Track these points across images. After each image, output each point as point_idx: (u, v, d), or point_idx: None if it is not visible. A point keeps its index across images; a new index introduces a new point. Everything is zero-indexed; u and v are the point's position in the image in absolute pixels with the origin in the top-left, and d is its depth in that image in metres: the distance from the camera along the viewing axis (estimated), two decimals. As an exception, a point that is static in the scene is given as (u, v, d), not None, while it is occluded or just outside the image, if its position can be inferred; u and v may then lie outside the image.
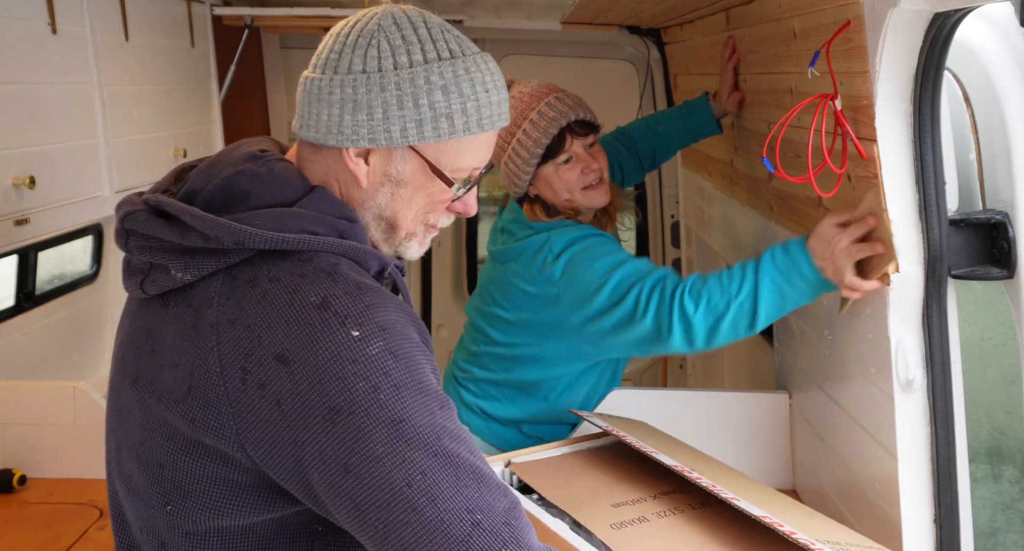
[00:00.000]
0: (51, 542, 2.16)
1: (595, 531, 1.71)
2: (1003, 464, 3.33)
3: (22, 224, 2.40)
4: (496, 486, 1.20)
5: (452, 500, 1.15)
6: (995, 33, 1.65)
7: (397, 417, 1.15)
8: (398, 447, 1.14)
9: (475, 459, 1.20)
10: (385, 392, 1.15)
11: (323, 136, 1.29)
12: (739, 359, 3.52)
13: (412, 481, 1.14)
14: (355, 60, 1.27)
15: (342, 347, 1.15)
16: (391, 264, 1.34)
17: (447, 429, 1.18)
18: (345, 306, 1.18)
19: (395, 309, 1.22)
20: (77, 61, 2.72)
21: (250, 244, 1.20)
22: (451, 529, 1.14)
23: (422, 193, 1.33)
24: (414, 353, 1.20)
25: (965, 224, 1.67)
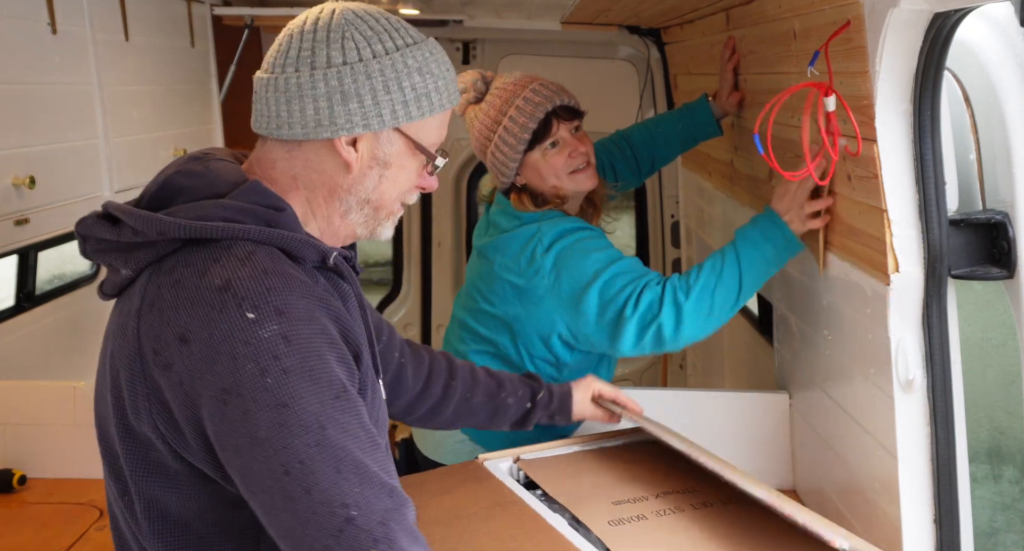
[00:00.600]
0: (51, 542, 2.16)
1: (592, 527, 1.72)
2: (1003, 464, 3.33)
3: (22, 224, 2.40)
4: (381, 485, 1.19)
5: (328, 492, 1.15)
6: (995, 33, 1.65)
7: (282, 402, 1.16)
8: (280, 433, 1.16)
9: (362, 455, 1.19)
10: (272, 375, 1.17)
11: (311, 130, 1.33)
12: (739, 359, 3.52)
13: (290, 469, 1.15)
14: (333, 53, 1.32)
15: (236, 328, 1.18)
16: (332, 253, 1.35)
17: (335, 420, 1.18)
18: (245, 288, 1.20)
19: (304, 296, 1.23)
20: (77, 61, 2.72)
21: (170, 233, 1.25)
22: (323, 521, 1.14)
23: (404, 172, 1.40)
24: (313, 340, 1.21)
25: (965, 224, 1.67)
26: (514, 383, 2.00)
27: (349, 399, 1.22)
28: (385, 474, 1.21)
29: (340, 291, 1.38)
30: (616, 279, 2.17)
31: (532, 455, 2.05)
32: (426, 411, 1.93)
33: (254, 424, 1.16)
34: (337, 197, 1.38)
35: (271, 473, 1.16)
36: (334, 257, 1.35)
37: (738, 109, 2.68)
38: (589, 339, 2.25)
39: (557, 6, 3.47)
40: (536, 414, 2.02)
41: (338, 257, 1.36)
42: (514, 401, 1.98)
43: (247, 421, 1.17)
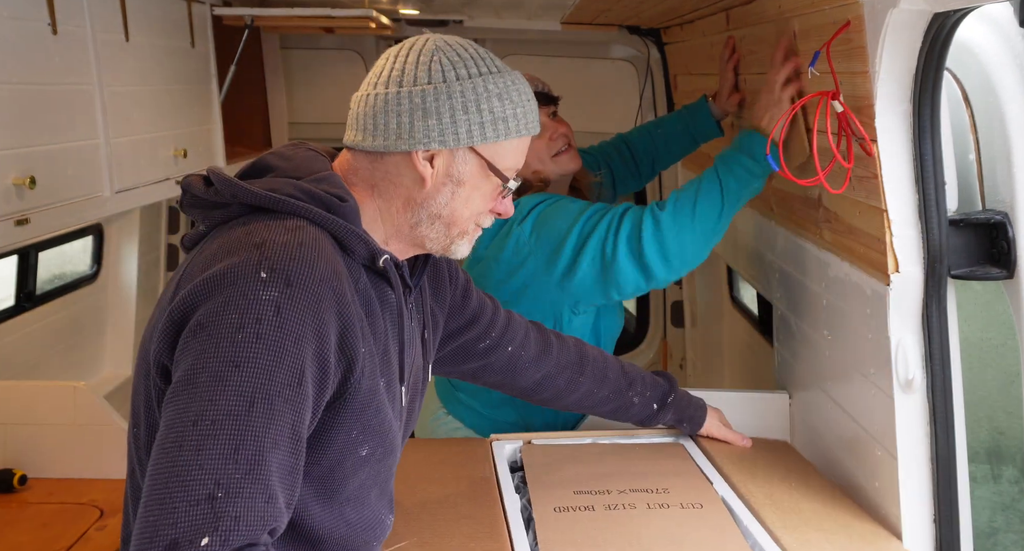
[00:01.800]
0: (51, 542, 2.16)
1: (536, 511, 1.78)
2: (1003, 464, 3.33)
3: (22, 224, 2.40)
4: (265, 488, 1.17)
5: (211, 462, 1.15)
6: (995, 33, 1.65)
7: (236, 361, 1.19)
8: (214, 386, 1.18)
9: (271, 450, 1.18)
10: (245, 333, 1.20)
11: (392, 142, 1.42)
12: (739, 359, 3.52)
13: (199, 421, 1.16)
14: (420, 74, 1.42)
15: (244, 280, 1.23)
16: (383, 255, 1.40)
17: (269, 404, 1.19)
18: (273, 251, 1.27)
19: (323, 281, 1.27)
20: (77, 61, 2.72)
21: (241, 198, 1.36)
22: (190, 484, 1.14)
23: (478, 193, 1.47)
24: (302, 324, 1.23)
25: (965, 224, 1.67)
26: (645, 383, 2.05)
27: (299, 393, 1.22)
28: (279, 480, 1.20)
29: (382, 295, 1.44)
30: (592, 217, 2.20)
31: (542, 441, 2.10)
32: (548, 397, 1.99)
33: (201, 365, 1.19)
34: (410, 209, 1.46)
35: (183, 415, 1.17)
36: (383, 260, 1.40)
37: (738, 109, 2.68)
38: (585, 288, 2.25)
39: (557, 6, 3.47)
40: (663, 416, 2.09)
41: (388, 261, 1.42)
42: (640, 401, 2.04)
43: (199, 359, 1.20)
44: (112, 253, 3.80)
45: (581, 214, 2.22)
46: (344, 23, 3.57)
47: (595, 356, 2.01)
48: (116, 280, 3.83)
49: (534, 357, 1.92)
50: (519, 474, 1.98)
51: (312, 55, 4.45)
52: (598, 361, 2.00)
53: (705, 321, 4.07)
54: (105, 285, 3.78)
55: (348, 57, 4.41)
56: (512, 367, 1.90)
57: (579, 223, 2.21)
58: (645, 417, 2.08)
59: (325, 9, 3.53)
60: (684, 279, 4.32)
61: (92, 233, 3.66)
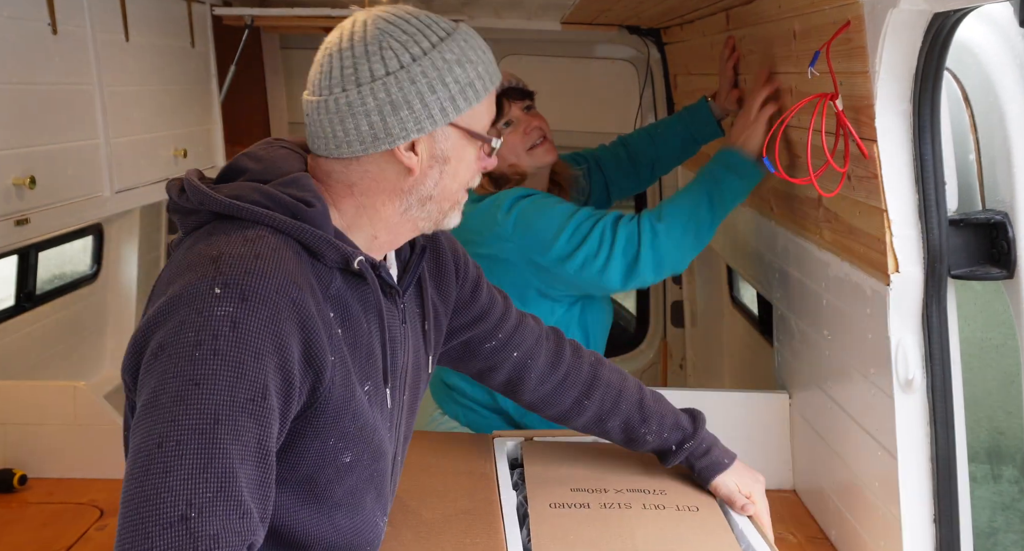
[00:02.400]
0: (51, 542, 2.16)
1: (532, 507, 1.78)
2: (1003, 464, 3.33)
3: (22, 224, 2.40)
4: (238, 504, 1.16)
5: (181, 482, 1.13)
6: (995, 33, 1.65)
7: (195, 379, 1.17)
8: (176, 406, 1.16)
9: (240, 466, 1.17)
10: (202, 351, 1.18)
11: (369, 145, 1.36)
12: (739, 359, 3.52)
13: (164, 443, 1.15)
14: (375, 67, 1.34)
15: (199, 297, 1.21)
16: (357, 258, 1.36)
17: (234, 421, 1.17)
18: (228, 265, 1.24)
19: (281, 292, 1.23)
20: (77, 61, 2.71)
21: (208, 206, 1.34)
22: (162, 507, 1.12)
23: (463, 163, 1.43)
24: (259, 337, 1.20)
25: (965, 224, 1.67)
26: (664, 423, 1.86)
27: (263, 407, 1.20)
28: (251, 495, 1.18)
29: (362, 297, 1.40)
30: (581, 226, 2.22)
31: (543, 439, 2.10)
32: (554, 415, 1.88)
33: (162, 387, 1.18)
34: (397, 198, 1.41)
35: (148, 438, 1.16)
36: (358, 262, 1.36)
37: (738, 106, 2.68)
38: (564, 283, 2.31)
39: (557, 6, 3.47)
40: (677, 459, 1.89)
41: (363, 263, 1.37)
42: (655, 439, 1.86)
43: (160, 381, 1.18)
44: (112, 253, 3.80)
45: (568, 220, 2.23)
46: (344, 23, 3.56)
47: (609, 381, 1.86)
48: (116, 280, 3.82)
49: (542, 369, 1.83)
50: (519, 470, 1.98)
51: (312, 55, 4.43)
52: (611, 387, 1.85)
53: (705, 321, 4.07)
54: (105, 285, 3.78)
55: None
56: (519, 377, 1.82)
57: (567, 231, 2.22)
58: (661, 455, 1.91)
59: (325, 9, 3.53)
60: (684, 279, 4.32)
61: (92, 233, 3.66)
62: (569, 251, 2.22)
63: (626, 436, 1.87)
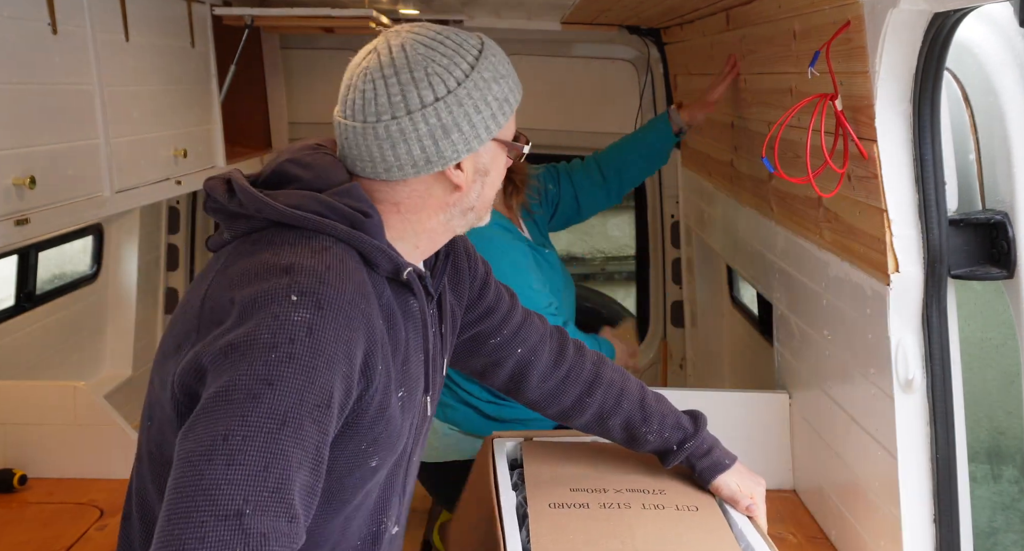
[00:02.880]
0: (51, 542, 2.16)
1: (531, 506, 1.77)
2: (1003, 464, 3.33)
3: (22, 224, 2.40)
4: (289, 507, 1.16)
5: (241, 478, 1.14)
6: (995, 33, 1.65)
7: (269, 379, 1.19)
8: (247, 403, 1.17)
9: (297, 470, 1.18)
10: (278, 353, 1.20)
11: (421, 168, 1.40)
12: (739, 359, 3.52)
13: (230, 437, 1.16)
14: (424, 93, 1.37)
15: (275, 301, 1.23)
16: (407, 268, 1.40)
17: (299, 424, 1.19)
18: (302, 274, 1.26)
19: (352, 303, 1.27)
20: (77, 61, 2.71)
21: (267, 214, 1.35)
22: (219, 498, 1.13)
23: (498, 171, 1.49)
24: (333, 346, 1.23)
25: (965, 224, 1.67)
26: (665, 423, 1.86)
27: (327, 415, 1.22)
28: (301, 501, 1.19)
29: (405, 306, 1.43)
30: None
31: (542, 439, 2.10)
32: (555, 413, 1.88)
33: (235, 383, 1.19)
34: (442, 212, 1.46)
35: (214, 429, 1.17)
36: (407, 272, 1.40)
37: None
38: None
39: (557, 6, 3.47)
40: (677, 459, 1.88)
41: (412, 274, 1.41)
42: (656, 439, 1.86)
43: (232, 376, 1.19)
44: (112, 253, 3.80)
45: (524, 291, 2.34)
46: (344, 23, 3.56)
47: (612, 380, 1.87)
48: (116, 280, 3.82)
49: (545, 366, 1.84)
50: (518, 471, 1.98)
51: (312, 55, 4.45)
52: (613, 386, 1.86)
53: (705, 321, 4.07)
54: (105, 285, 3.78)
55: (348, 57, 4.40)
56: (522, 373, 1.82)
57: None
58: (662, 456, 1.90)
59: (325, 9, 3.53)
60: (684, 279, 4.32)
61: (92, 233, 3.66)
62: None
63: (627, 435, 1.87)
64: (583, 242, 9.18)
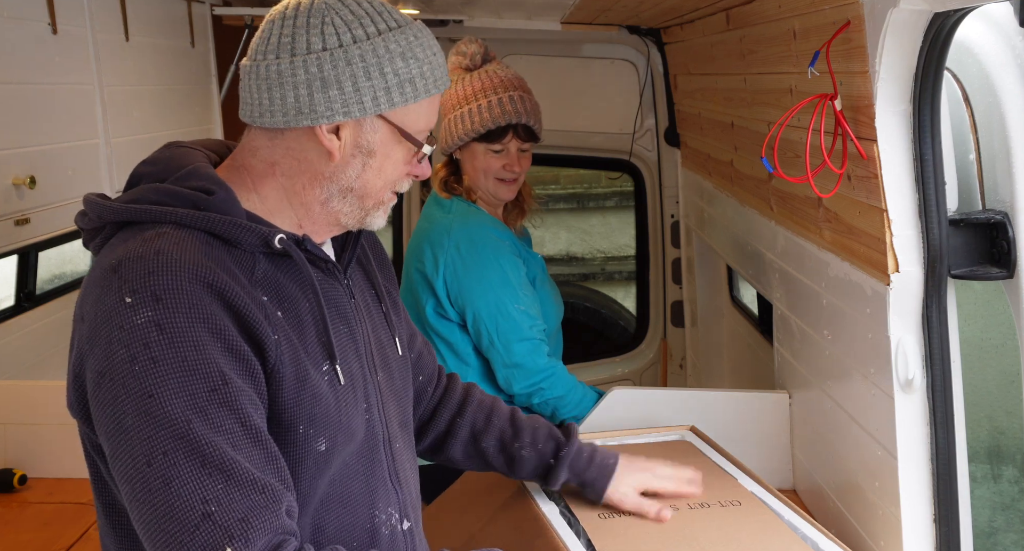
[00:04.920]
0: (51, 542, 2.16)
1: (582, 518, 1.73)
2: (1003, 464, 3.33)
3: (22, 224, 2.40)
4: (251, 482, 1.16)
5: (187, 486, 1.13)
6: (995, 33, 1.65)
7: (148, 392, 1.15)
8: (144, 423, 1.15)
9: (234, 451, 1.17)
10: (141, 363, 1.16)
11: (291, 118, 1.32)
12: (739, 359, 3.52)
13: (152, 460, 1.14)
14: (313, 39, 1.31)
15: (113, 312, 1.19)
16: (277, 236, 1.31)
17: (205, 414, 1.16)
18: (129, 270, 1.21)
19: (194, 281, 1.20)
20: (77, 61, 2.72)
21: (106, 216, 1.31)
22: (181, 515, 1.12)
23: (390, 161, 1.38)
24: (191, 329, 1.18)
25: (965, 224, 1.67)
26: (538, 435, 1.76)
27: (229, 393, 1.19)
28: (261, 471, 1.18)
29: (296, 277, 1.34)
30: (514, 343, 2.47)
31: None
32: (432, 442, 1.80)
33: (121, 411, 1.16)
34: (319, 184, 1.37)
35: (135, 462, 1.15)
36: (279, 240, 1.30)
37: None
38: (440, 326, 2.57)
39: (557, 6, 3.47)
40: (561, 473, 1.74)
41: (286, 241, 1.31)
42: (531, 454, 1.75)
43: (115, 407, 1.17)
44: (112, 253, 3.79)
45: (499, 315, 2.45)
46: (344, 23, 3.56)
47: (482, 401, 1.81)
48: (116, 280, 3.82)
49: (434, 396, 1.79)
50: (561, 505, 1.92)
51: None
52: (483, 406, 1.80)
53: (705, 321, 4.07)
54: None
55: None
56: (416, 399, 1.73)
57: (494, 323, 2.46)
58: (542, 472, 1.76)
59: (325, 9, 3.52)
60: (684, 279, 4.32)
61: (92, 233, 3.66)
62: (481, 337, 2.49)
63: (504, 455, 1.77)
64: (583, 242, 9.19)
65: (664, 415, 2.34)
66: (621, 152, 4.30)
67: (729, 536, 1.67)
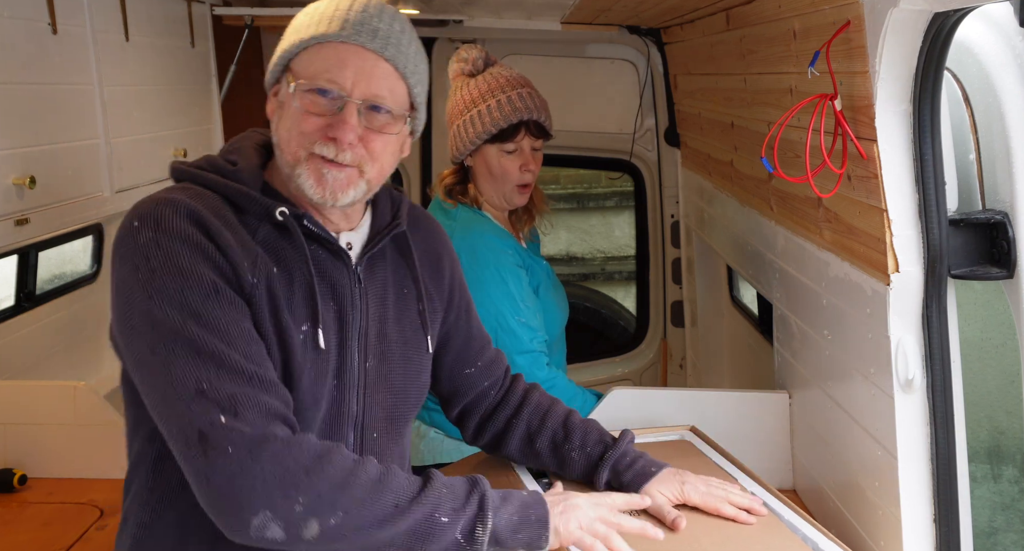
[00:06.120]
0: (51, 542, 2.16)
1: None
2: (1003, 464, 3.33)
3: (22, 224, 2.40)
4: (242, 371, 1.34)
5: (184, 369, 1.33)
6: (995, 33, 1.65)
7: (148, 294, 1.36)
8: (147, 320, 1.36)
9: (228, 347, 1.35)
10: (143, 272, 1.37)
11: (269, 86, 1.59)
12: (739, 359, 3.52)
13: (155, 349, 1.35)
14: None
15: (125, 233, 1.42)
16: (279, 208, 1.47)
17: (200, 313, 1.36)
18: (143, 204, 1.44)
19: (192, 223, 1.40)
20: (77, 61, 2.72)
21: (174, 175, 1.55)
22: (179, 392, 1.32)
23: (290, 109, 1.50)
24: (184, 248, 1.38)
25: (965, 224, 1.67)
26: (588, 438, 1.84)
27: (221, 300, 1.38)
28: (254, 365, 1.36)
29: (296, 248, 1.49)
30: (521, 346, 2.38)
31: None
32: (491, 439, 1.92)
33: (129, 313, 1.37)
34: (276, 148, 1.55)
35: (141, 353, 1.36)
36: (279, 212, 1.48)
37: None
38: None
39: (557, 6, 3.47)
40: (603, 473, 1.80)
41: (286, 214, 1.48)
42: (580, 456, 1.83)
43: (126, 309, 1.38)
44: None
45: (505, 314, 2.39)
46: (344, 23, 3.56)
47: (540, 403, 1.90)
48: (116, 280, 3.82)
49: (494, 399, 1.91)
50: (544, 481, 1.93)
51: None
52: (540, 408, 1.89)
53: (705, 321, 4.07)
54: (105, 285, 3.77)
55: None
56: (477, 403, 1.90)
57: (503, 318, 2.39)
58: (591, 474, 1.82)
59: (325, 9, 3.52)
60: (684, 279, 4.32)
61: (92, 233, 3.66)
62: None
63: (556, 456, 1.86)
64: (583, 242, 9.19)
65: (664, 415, 2.34)
66: (621, 152, 4.30)
67: (730, 536, 1.68)
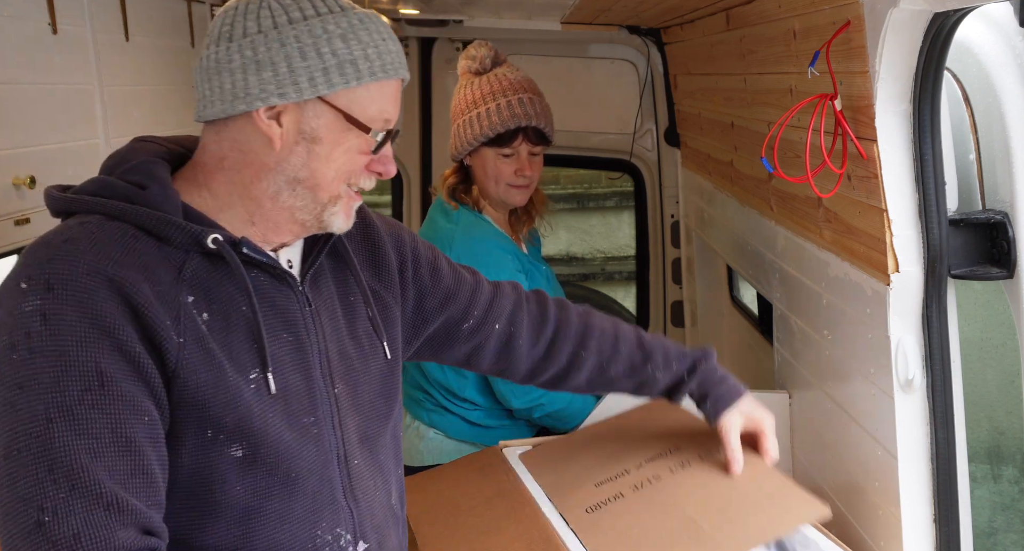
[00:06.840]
0: (51, 542, 2.15)
1: (569, 517, 1.74)
2: (1003, 464, 3.33)
3: (22, 224, 2.40)
4: (98, 497, 1.10)
5: (30, 489, 1.09)
6: (995, 33, 1.65)
7: (19, 382, 1.12)
8: (8, 414, 1.12)
9: (92, 459, 1.11)
10: (19, 352, 1.13)
11: (229, 105, 1.28)
12: (739, 359, 3.52)
13: (8, 454, 1.11)
14: (248, 24, 1.27)
15: (8, 296, 1.17)
16: (211, 236, 1.26)
17: (72, 415, 1.12)
18: (32, 255, 1.19)
19: (93, 273, 1.16)
20: (77, 61, 2.71)
21: (53, 207, 1.31)
22: (18, 517, 1.09)
23: (340, 149, 1.31)
24: (78, 324, 1.14)
25: (965, 224, 1.67)
26: (670, 354, 1.78)
27: (104, 395, 1.14)
28: (121, 485, 1.13)
29: (234, 280, 1.29)
30: None
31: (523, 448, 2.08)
32: (551, 378, 1.79)
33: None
34: (265, 176, 1.31)
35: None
36: (212, 240, 1.26)
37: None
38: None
39: (557, 6, 3.47)
40: (691, 384, 1.78)
41: (220, 241, 1.26)
42: (664, 375, 1.77)
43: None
44: (112, 253, 3.79)
45: None
46: (344, 23, 3.56)
47: (603, 328, 1.78)
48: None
49: (530, 332, 1.73)
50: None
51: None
52: (606, 333, 1.77)
53: (705, 321, 4.07)
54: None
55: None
56: (507, 348, 1.71)
57: None
58: (673, 389, 1.80)
59: (325, 9, 3.52)
60: (684, 279, 4.32)
61: (92, 233, 3.66)
62: None
63: (634, 380, 1.78)
64: (583, 242, 9.19)
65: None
66: (621, 152, 4.30)
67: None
